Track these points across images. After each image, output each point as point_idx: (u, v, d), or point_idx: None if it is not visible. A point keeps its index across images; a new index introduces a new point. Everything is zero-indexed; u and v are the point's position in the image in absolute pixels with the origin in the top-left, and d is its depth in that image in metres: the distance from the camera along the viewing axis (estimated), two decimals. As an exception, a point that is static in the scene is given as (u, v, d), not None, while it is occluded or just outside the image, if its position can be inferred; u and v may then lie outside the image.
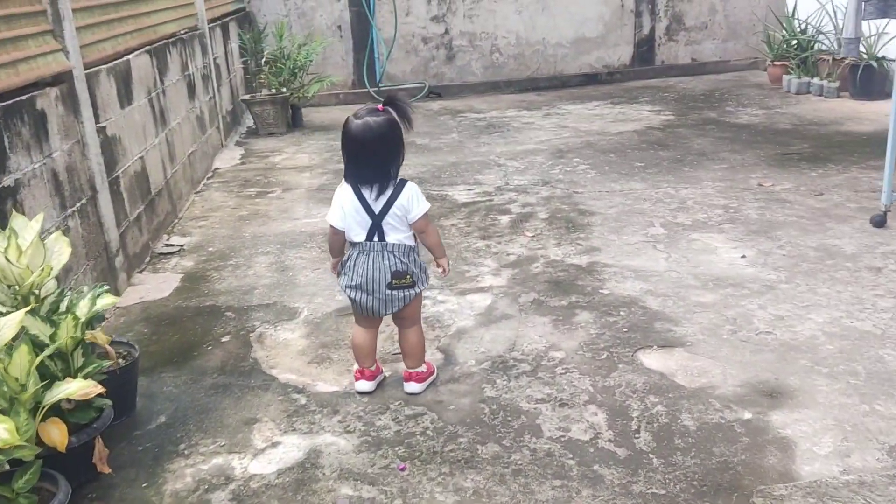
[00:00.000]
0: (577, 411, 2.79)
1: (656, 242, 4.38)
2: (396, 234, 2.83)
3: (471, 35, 10.02)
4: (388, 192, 2.79)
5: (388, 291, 2.84)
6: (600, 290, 3.79)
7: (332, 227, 2.88)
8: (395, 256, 2.83)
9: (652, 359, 3.13)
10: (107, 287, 2.67)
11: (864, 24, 7.30)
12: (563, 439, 2.63)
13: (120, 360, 2.89)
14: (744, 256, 4.10)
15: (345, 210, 2.82)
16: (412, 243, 2.89)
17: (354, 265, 2.85)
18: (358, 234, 2.83)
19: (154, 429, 2.83)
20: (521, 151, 6.68)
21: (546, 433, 2.67)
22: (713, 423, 2.67)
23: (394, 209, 2.79)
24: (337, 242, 2.94)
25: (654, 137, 6.90)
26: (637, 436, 2.62)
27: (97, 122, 3.92)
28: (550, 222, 4.82)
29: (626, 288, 3.80)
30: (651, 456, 2.51)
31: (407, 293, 2.88)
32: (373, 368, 3.04)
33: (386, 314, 2.95)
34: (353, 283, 2.85)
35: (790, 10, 9.12)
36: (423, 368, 3.03)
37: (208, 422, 2.85)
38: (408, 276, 2.85)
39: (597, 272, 4.02)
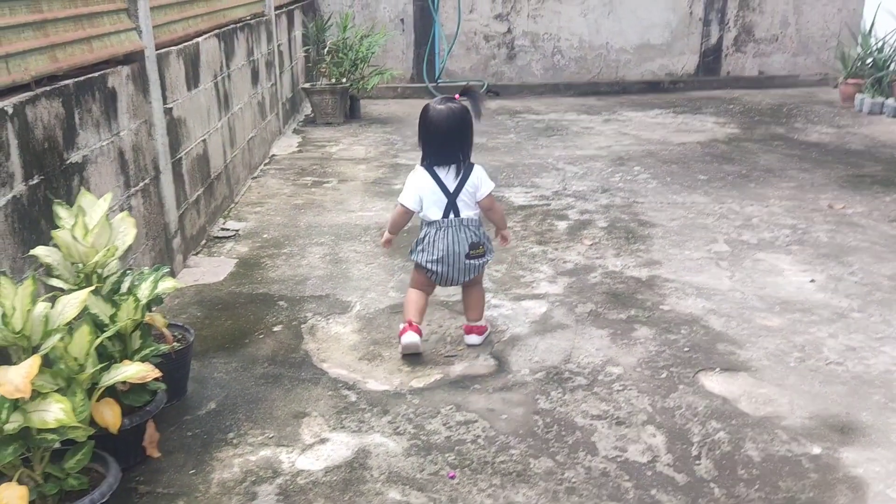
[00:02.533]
0: (634, 431, 2.69)
1: (720, 259, 4.24)
2: (468, 210, 3.19)
3: (533, 35, 9.91)
4: (461, 173, 3.16)
5: (467, 261, 3.20)
6: (660, 306, 3.67)
7: (402, 206, 3.20)
8: (469, 230, 3.19)
9: (714, 382, 3.01)
10: (167, 269, 2.65)
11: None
12: (619, 459, 2.54)
13: (175, 344, 2.88)
14: (813, 280, 3.94)
15: (421, 192, 3.17)
16: (480, 218, 3.26)
17: (434, 241, 3.18)
18: (435, 212, 3.17)
19: (204, 415, 2.81)
20: (580, 156, 6.56)
21: (602, 451, 2.58)
22: (779, 455, 2.54)
23: (466, 187, 3.16)
24: (402, 222, 3.29)
25: (718, 150, 6.71)
26: (698, 462, 2.52)
27: (165, 102, 3.93)
28: (609, 231, 4.71)
29: (688, 305, 3.68)
30: (712, 485, 2.40)
31: (481, 261, 3.25)
32: (421, 326, 3.25)
33: (462, 282, 3.29)
34: (435, 258, 3.18)
35: (867, 27, 8.81)
36: (483, 322, 3.34)
37: (258, 412, 2.82)
38: (481, 247, 3.22)
39: (657, 287, 3.90)
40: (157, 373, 2.20)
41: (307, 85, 8.28)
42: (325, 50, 8.32)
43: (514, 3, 9.76)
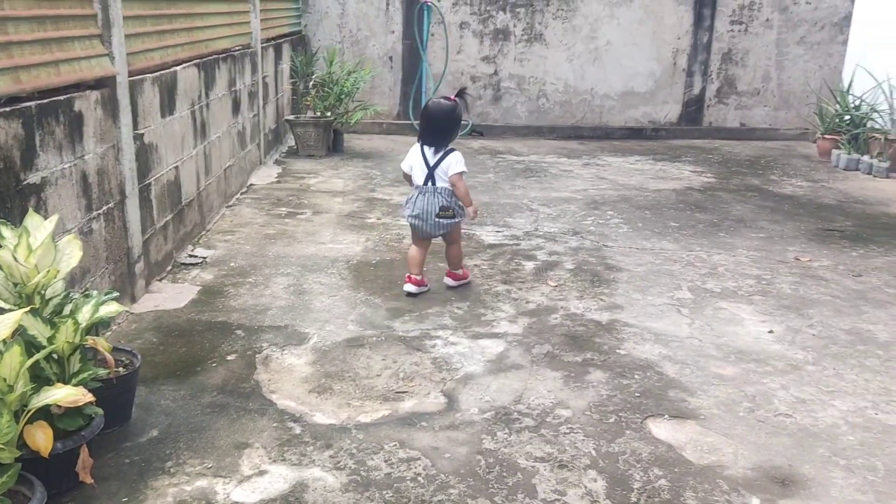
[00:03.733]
0: (576, 475, 2.68)
1: (681, 306, 4.26)
2: (442, 182, 4.20)
3: (519, 78, 10.05)
4: (441, 154, 4.19)
5: (437, 220, 4.20)
6: (617, 350, 3.68)
7: (403, 170, 4.36)
8: (442, 196, 4.20)
9: (662, 428, 3.01)
10: (115, 294, 2.65)
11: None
12: (557, 503, 2.52)
13: (120, 369, 2.87)
14: (771, 331, 3.96)
15: (411, 161, 4.25)
16: (452, 189, 4.22)
17: (414, 201, 4.23)
18: (419, 178, 4.23)
19: (145, 442, 2.78)
20: (556, 198, 6.62)
21: (541, 494, 2.56)
22: (717, 505, 2.54)
23: (442, 165, 4.19)
24: (408, 180, 4.36)
25: (692, 198, 6.79)
26: (635, 509, 2.51)
27: (136, 128, 3.96)
28: (576, 274, 4.74)
29: (645, 350, 3.69)
30: (647, 533, 2.39)
31: (449, 221, 4.25)
32: (419, 278, 4.26)
33: (435, 236, 4.31)
34: (414, 213, 4.22)
35: (846, 85, 8.98)
36: (460, 272, 4.43)
37: (199, 441, 2.79)
38: (450, 210, 4.22)
39: (616, 330, 3.91)
40: (89, 397, 2.19)
41: (291, 117, 8.36)
42: (311, 83, 8.42)
43: (502, 46, 9.93)
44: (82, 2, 3.46)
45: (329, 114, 8.15)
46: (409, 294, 4.23)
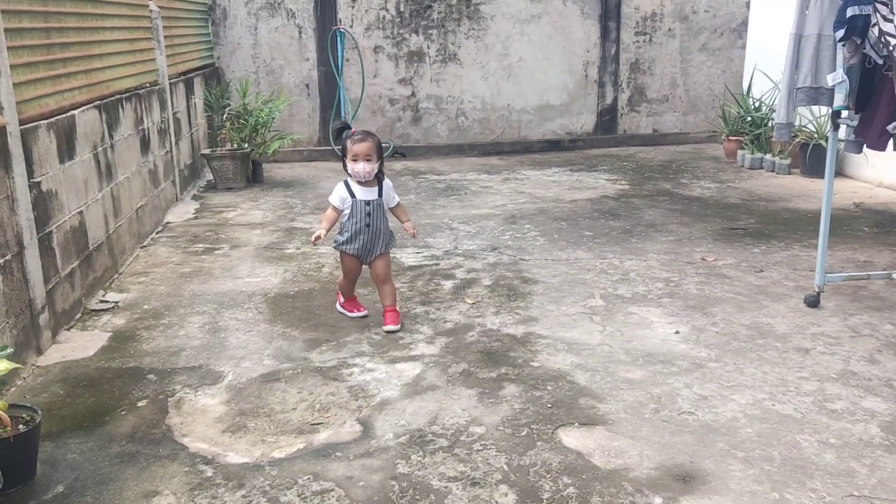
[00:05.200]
0: (487, 491, 2.73)
1: (594, 314, 4.38)
2: None
3: (437, 98, 10.18)
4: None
5: None
6: (531, 363, 3.77)
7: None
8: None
9: (572, 437, 3.09)
10: (8, 351, 2.60)
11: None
12: (468, 521, 2.57)
13: (20, 426, 2.80)
14: (677, 332, 4.11)
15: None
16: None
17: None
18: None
19: (49, 499, 2.72)
20: (475, 215, 6.73)
21: (453, 514, 2.61)
22: (622, 508, 2.62)
23: None
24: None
25: (606, 206, 6.99)
26: (544, 520, 2.57)
27: (31, 177, 3.88)
28: (493, 289, 4.82)
29: (557, 361, 3.78)
30: (555, 542, 2.46)
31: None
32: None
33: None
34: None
35: (745, 88, 9.40)
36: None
37: (107, 493, 2.74)
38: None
39: (530, 343, 4.00)
40: (-22, 460, 2.13)
41: (208, 151, 8.28)
42: (224, 116, 8.36)
43: (417, 68, 10.05)
44: (-37, 53, 3.39)
45: (246, 145, 8.10)
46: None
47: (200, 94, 8.64)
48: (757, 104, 9.09)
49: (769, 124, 8.79)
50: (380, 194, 4.24)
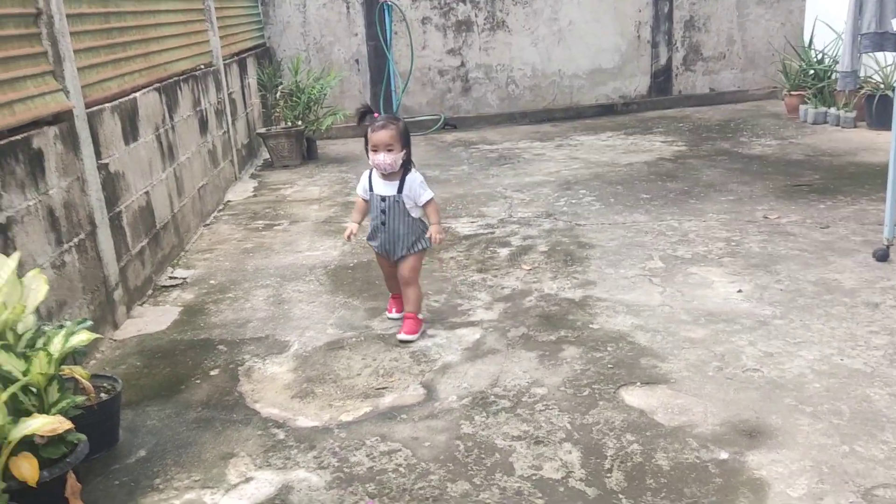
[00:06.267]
0: (551, 449, 2.76)
1: (653, 276, 4.35)
2: None
3: (487, 67, 10.12)
4: None
5: None
6: (590, 325, 3.77)
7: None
8: None
9: (634, 396, 3.09)
10: (87, 323, 2.72)
11: (882, 54, 7.24)
12: (534, 478, 2.61)
13: (102, 395, 2.94)
14: (740, 291, 4.05)
15: None
16: None
17: None
18: None
19: (133, 463, 2.86)
20: (529, 183, 6.70)
21: (518, 471, 2.65)
22: (687, 462, 2.62)
23: None
24: None
25: (663, 169, 6.87)
26: (609, 475, 2.59)
27: (99, 158, 4.03)
28: (549, 255, 4.82)
29: (617, 323, 3.77)
30: (620, 496, 2.48)
31: None
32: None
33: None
34: None
35: (807, 41, 9.07)
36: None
37: (186, 456, 2.87)
38: None
39: (589, 306, 3.99)
40: (67, 424, 2.26)
41: (263, 130, 8.42)
42: (278, 94, 8.47)
43: (466, 38, 9.99)
44: (31, 41, 3.52)
45: (300, 122, 8.21)
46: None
47: (253, 73, 8.78)
48: (819, 56, 8.77)
49: (832, 77, 8.49)
50: (400, 190, 3.68)
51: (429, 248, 3.82)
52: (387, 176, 3.67)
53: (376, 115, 3.67)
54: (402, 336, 3.74)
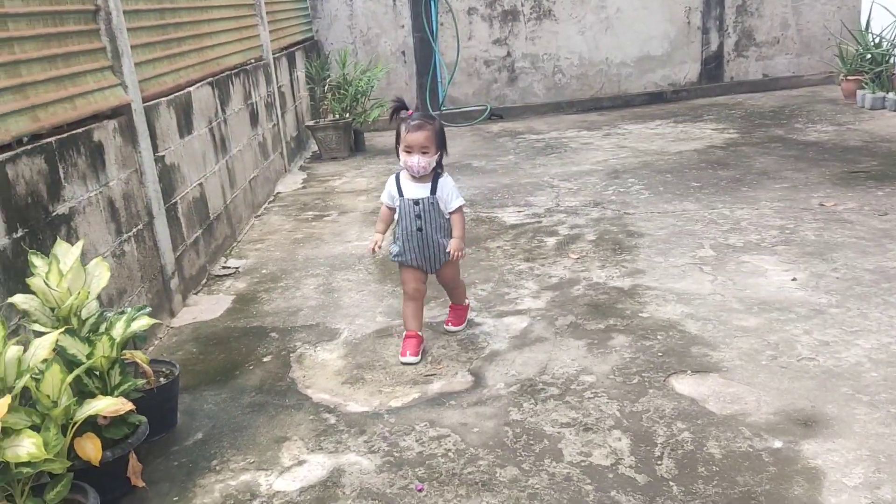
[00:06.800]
0: (600, 436, 2.76)
1: (703, 265, 4.29)
2: None
3: (533, 57, 10.06)
4: None
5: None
6: (640, 314, 3.74)
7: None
8: None
9: (684, 384, 3.06)
10: (147, 309, 2.81)
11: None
12: (583, 464, 2.61)
13: (161, 379, 3.04)
14: (794, 279, 3.97)
15: None
16: None
17: None
18: None
19: (191, 445, 2.95)
20: (576, 172, 6.66)
21: (567, 457, 2.65)
22: (740, 451, 2.59)
23: None
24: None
25: (714, 156, 6.75)
26: (659, 462, 2.58)
27: (156, 151, 4.14)
28: (597, 244, 4.79)
29: (667, 311, 3.74)
30: (671, 483, 2.46)
31: None
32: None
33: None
34: None
35: (864, 24, 8.79)
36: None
37: (241, 439, 2.95)
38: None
39: (638, 295, 3.96)
40: (129, 406, 2.34)
41: (311, 122, 8.53)
42: (326, 87, 8.57)
43: (512, 27, 9.94)
44: (90, 37, 3.64)
45: (347, 115, 8.30)
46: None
47: (302, 67, 8.89)
48: (877, 40, 8.49)
49: (890, 61, 8.21)
50: (433, 191, 3.43)
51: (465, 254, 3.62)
52: (417, 179, 3.42)
53: (409, 111, 3.41)
54: (449, 327, 3.75)
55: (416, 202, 3.43)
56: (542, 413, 2.95)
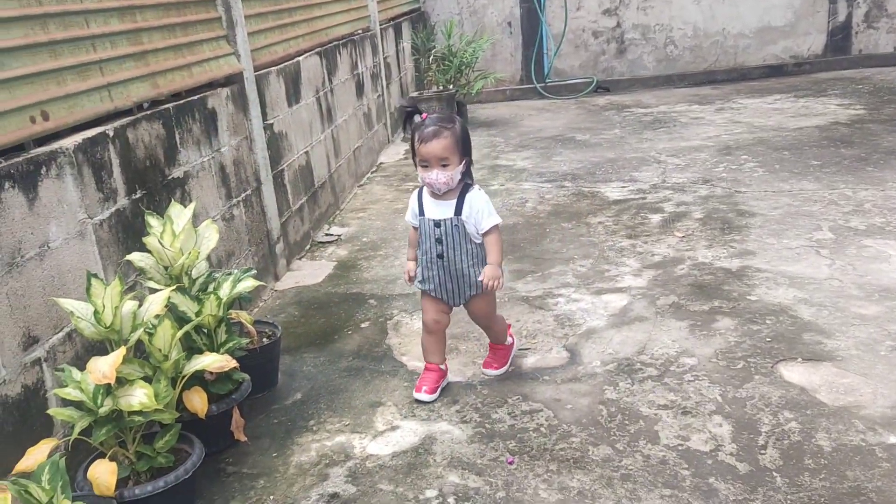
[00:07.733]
0: (700, 421, 2.67)
1: (821, 248, 4.05)
2: None
3: (644, 28, 9.71)
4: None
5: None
6: (748, 297, 3.57)
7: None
8: None
9: (794, 372, 2.91)
10: (252, 272, 2.91)
11: None
12: (680, 448, 2.53)
13: (264, 339, 3.15)
14: (922, 266, 3.69)
15: None
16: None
17: None
18: None
19: (290, 404, 3.05)
20: (685, 148, 6.40)
21: (663, 440, 2.58)
22: (852, 445, 2.44)
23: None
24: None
25: (837, 134, 6.34)
26: (763, 452, 2.47)
27: (265, 119, 4.26)
28: (704, 223, 4.60)
29: (778, 295, 3.55)
30: (775, 474, 2.35)
31: None
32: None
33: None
34: None
35: None
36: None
37: (338, 402, 3.03)
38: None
39: (747, 277, 3.78)
40: (233, 363, 2.44)
41: (415, 94, 8.56)
42: (430, 58, 8.57)
43: (623, -3, 9.62)
44: (207, 6, 3.76)
45: (451, 86, 8.28)
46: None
47: (408, 37, 8.92)
48: None
49: None
50: (458, 211, 2.83)
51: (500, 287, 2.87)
52: (441, 195, 2.85)
53: (424, 115, 2.87)
54: (488, 371, 3.11)
55: (437, 224, 2.84)
56: (639, 393, 2.87)
